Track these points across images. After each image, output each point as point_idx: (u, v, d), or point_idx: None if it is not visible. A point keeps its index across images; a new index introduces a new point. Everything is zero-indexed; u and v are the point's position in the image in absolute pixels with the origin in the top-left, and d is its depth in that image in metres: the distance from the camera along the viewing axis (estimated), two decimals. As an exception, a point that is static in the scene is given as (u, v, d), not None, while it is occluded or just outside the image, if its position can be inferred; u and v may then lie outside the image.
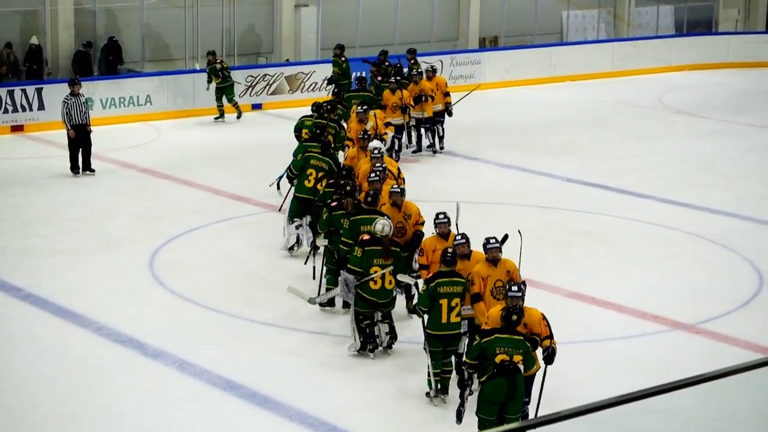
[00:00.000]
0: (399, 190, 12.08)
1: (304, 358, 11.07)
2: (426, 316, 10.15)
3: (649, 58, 28.67)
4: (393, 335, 11.16)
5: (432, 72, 19.48)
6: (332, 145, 14.82)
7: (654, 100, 25.29)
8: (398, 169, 13.85)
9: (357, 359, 11.03)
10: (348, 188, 12.01)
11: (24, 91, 20.55)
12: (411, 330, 11.54)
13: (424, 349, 10.21)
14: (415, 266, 11.63)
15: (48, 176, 17.59)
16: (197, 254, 14.13)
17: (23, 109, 20.50)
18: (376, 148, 13.56)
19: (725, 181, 18.36)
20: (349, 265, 11.03)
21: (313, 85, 23.54)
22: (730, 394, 5.81)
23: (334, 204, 12.17)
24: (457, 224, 11.07)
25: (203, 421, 9.83)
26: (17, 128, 20.46)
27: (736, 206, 16.56)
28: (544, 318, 9.27)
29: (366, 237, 11.01)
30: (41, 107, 20.55)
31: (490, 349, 8.82)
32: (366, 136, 14.61)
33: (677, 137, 21.58)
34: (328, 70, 23.12)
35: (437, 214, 11.14)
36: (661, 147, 20.63)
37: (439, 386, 10.13)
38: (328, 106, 16.38)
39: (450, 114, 19.36)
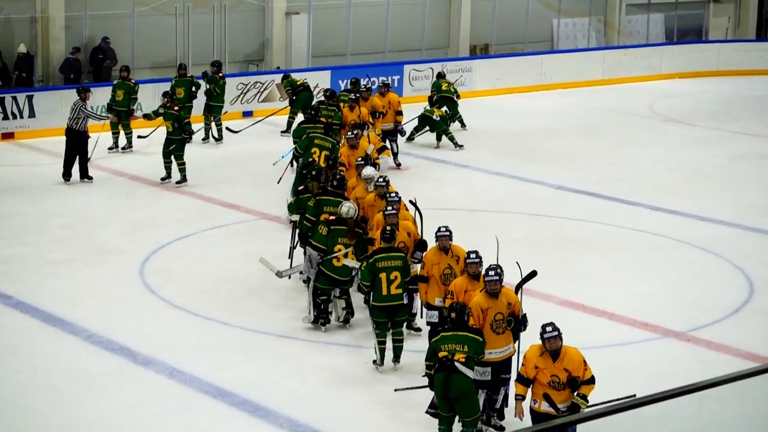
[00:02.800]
0: (448, 233, 10.81)
1: (295, 366, 11.08)
2: (371, 292, 10.81)
3: (640, 66, 28.71)
4: (350, 311, 11.90)
5: (385, 88, 19.01)
6: (332, 128, 16.21)
7: (644, 108, 25.33)
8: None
9: (349, 365, 11.06)
10: (314, 172, 13.05)
11: (15, 98, 20.49)
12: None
13: (371, 317, 10.91)
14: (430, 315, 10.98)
15: (39, 184, 17.53)
16: (188, 262, 14.12)
17: (14, 116, 20.46)
18: (369, 176, 12.91)
19: (715, 188, 18.40)
20: (314, 242, 11.77)
21: (304, 93, 23.50)
22: (721, 402, 5.82)
23: (301, 188, 13.06)
24: (497, 259, 9.98)
25: (194, 430, 9.82)
26: (8, 136, 20.41)
27: (726, 214, 16.59)
28: (585, 362, 8.92)
29: (333, 217, 11.73)
30: (32, 115, 20.49)
31: (437, 348, 9.18)
32: (362, 163, 13.63)
33: (667, 145, 21.61)
34: (319, 77, 23.19)
35: (468, 253, 10.17)
36: (652, 155, 20.66)
37: (393, 356, 10.90)
38: (327, 93, 18.42)
39: (402, 133, 19.02)
